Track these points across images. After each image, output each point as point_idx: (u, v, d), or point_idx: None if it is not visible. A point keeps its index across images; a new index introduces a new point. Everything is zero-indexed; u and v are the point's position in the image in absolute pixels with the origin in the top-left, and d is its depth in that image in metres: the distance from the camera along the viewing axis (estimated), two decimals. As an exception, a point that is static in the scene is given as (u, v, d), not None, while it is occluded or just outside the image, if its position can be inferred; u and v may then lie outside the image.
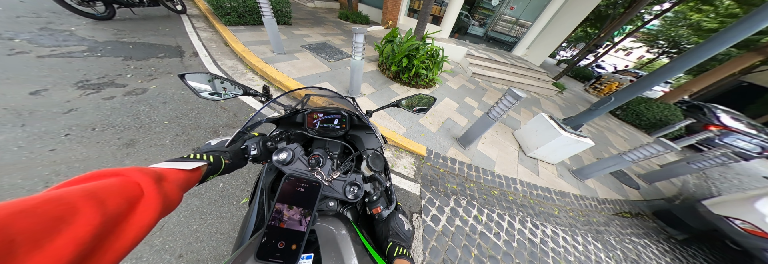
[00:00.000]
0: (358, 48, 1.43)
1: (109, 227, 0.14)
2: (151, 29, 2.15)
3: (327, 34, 3.10)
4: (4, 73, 1.23)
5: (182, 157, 0.25)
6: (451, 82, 2.88)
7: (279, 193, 0.24)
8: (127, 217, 0.16)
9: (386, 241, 0.31)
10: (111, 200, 0.15)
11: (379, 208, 0.35)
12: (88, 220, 0.13)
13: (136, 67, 1.56)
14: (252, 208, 0.38)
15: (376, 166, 0.36)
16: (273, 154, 0.34)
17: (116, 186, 0.16)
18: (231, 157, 0.31)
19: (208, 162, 0.26)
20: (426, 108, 0.58)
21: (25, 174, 0.83)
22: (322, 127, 0.47)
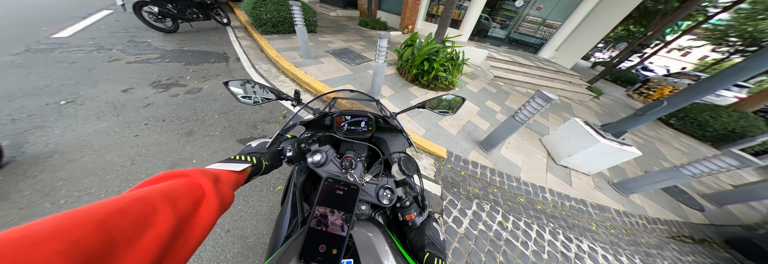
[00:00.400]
0: (381, 52, 1.55)
1: (180, 226, 0.15)
2: (203, 39, 2.62)
3: (348, 41, 3.35)
4: (105, 76, 1.62)
5: (230, 159, 0.28)
6: (471, 85, 2.85)
7: (319, 195, 0.24)
8: (193, 217, 0.16)
9: (423, 251, 0.30)
10: (181, 201, 0.16)
11: (412, 215, 0.34)
12: (166, 219, 0.14)
13: (193, 70, 1.91)
14: (285, 208, 0.38)
15: (409, 170, 0.34)
16: (307, 156, 0.34)
17: (184, 187, 0.17)
18: (269, 158, 0.32)
19: (252, 163, 0.28)
20: (454, 108, 0.56)
21: (119, 153, 1.08)
22: (349, 130, 0.49)
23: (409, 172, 0.34)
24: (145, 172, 1.02)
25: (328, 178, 0.26)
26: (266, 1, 2.76)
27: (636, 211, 1.60)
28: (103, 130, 1.18)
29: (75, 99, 1.35)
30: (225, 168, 0.24)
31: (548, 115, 2.76)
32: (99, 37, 2.21)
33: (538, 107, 1.20)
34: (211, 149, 1.20)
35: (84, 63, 1.72)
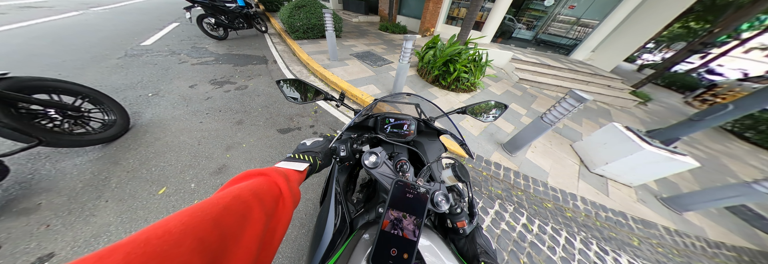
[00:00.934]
0: (406, 53, 1.68)
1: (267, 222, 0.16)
2: (247, 45, 3.14)
3: (370, 44, 3.60)
4: (177, 74, 2.06)
5: (290, 157, 0.30)
6: (494, 88, 2.82)
7: (390, 198, 0.25)
8: (276, 213, 0.17)
9: (477, 260, 0.29)
10: (266, 198, 0.17)
11: (464, 222, 0.34)
12: (259, 216, 0.14)
13: (240, 70, 2.32)
14: (327, 207, 0.39)
15: (463, 176, 0.34)
16: (363, 157, 0.34)
17: (266, 185, 0.18)
18: (323, 157, 0.34)
19: (310, 163, 0.30)
20: (496, 116, 0.56)
21: (189, 135, 1.37)
22: (391, 132, 0.50)
23: (464, 178, 0.34)
24: (207, 151, 1.27)
25: (399, 181, 0.26)
26: (300, 10, 3.16)
27: (692, 231, 1.42)
28: (178, 116, 1.51)
29: (158, 92, 1.73)
30: (291, 167, 0.26)
31: (582, 121, 2.59)
32: (171, 44, 2.81)
33: (570, 108, 1.16)
34: (257, 136, 1.44)
35: (162, 65, 2.21)
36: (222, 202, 0.13)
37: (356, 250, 0.24)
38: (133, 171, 1.10)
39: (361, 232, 0.29)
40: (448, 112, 0.56)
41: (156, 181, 1.06)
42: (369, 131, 0.55)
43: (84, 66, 1.97)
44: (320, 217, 0.41)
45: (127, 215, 0.92)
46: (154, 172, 1.10)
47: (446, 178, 0.36)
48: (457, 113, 0.58)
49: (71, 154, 1.14)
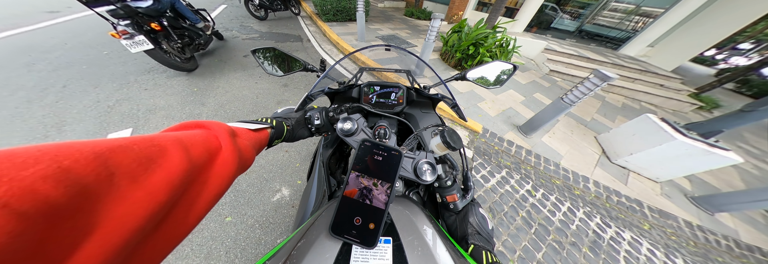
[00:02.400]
0: (433, 31, 1.83)
1: (194, 175, 0.15)
2: (284, 25, 3.62)
3: (395, 29, 3.79)
4: (233, 47, 2.58)
5: (251, 120, 0.28)
6: (520, 77, 2.82)
7: (354, 159, 0.23)
8: (209, 168, 0.17)
9: (466, 243, 0.28)
10: (195, 149, 0.16)
11: (455, 196, 0.32)
12: (176, 163, 0.14)
13: (280, 46, 2.74)
14: (311, 183, 0.38)
15: (455, 142, 0.30)
16: (337, 124, 0.33)
17: (199, 136, 0.18)
18: (293, 124, 0.33)
19: (271, 125, 0.29)
20: (502, 81, 0.51)
21: (249, 91, 1.79)
22: (378, 102, 0.48)
23: (456, 144, 0.30)
24: (264, 102, 1.68)
25: (365, 141, 0.24)
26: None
27: (720, 229, 1.39)
28: (239, 77, 1.98)
29: (222, 59, 2.28)
30: (242, 126, 0.25)
31: (616, 118, 2.47)
32: (224, 22, 3.40)
33: (592, 87, 1.19)
34: (299, 96, 1.83)
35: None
36: (119, 142, 0.13)
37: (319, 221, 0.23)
38: (215, 110, 1.55)
39: (335, 200, 0.26)
40: (446, 79, 0.51)
41: (232, 118, 1.51)
42: (353, 102, 0.51)
43: None
44: (304, 193, 0.41)
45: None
46: (229, 111, 1.56)
47: (435, 147, 0.32)
48: (455, 79, 0.52)
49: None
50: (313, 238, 0.20)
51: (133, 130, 1.32)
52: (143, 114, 1.43)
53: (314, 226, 0.22)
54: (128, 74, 1.82)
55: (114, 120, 1.35)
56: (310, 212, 0.36)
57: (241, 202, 1.01)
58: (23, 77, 1.67)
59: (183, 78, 1.86)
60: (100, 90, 1.60)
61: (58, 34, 2.45)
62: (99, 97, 1.53)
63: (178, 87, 1.74)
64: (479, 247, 0.27)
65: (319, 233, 0.21)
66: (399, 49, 0.54)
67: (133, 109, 1.45)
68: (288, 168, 1.20)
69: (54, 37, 2.37)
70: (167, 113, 1.46)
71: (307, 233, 0.21)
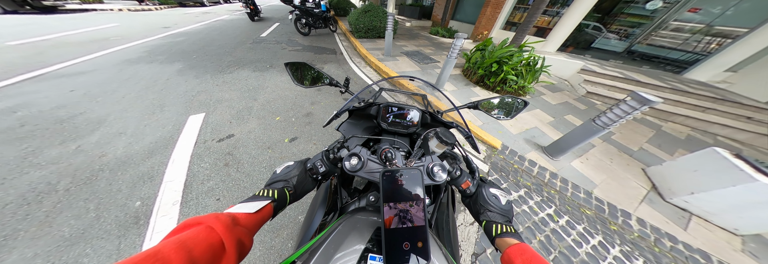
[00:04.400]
0: (455, 49, 2.03)
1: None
2: (322, 40, 4.41)
3: (419, 45, 4.21)
4: (281, 56, 3.27)
5: (254, 195, 0.30)
6: (549, 97, 2.75)
7: (382, 193, 0.24)
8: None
9: (480, 221, 0.31)
10: (197, 249, 0.18)
11: (467, 182, 0.36)
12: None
13: (318, 57, 3.40)
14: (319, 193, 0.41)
15: (448, 138, 0.35)
16: (343, 162, 0.34)
17: (200, 234, 0.19)
18: (295, 183, 0.33)
19: (273, 199, 0.29)
20: (512, 113, 0.56)
21: (290, 92, 2.21)
22: (393, 122, 0.52)
23: (449, 139, 0.35)
24: (300, 102, 2.05)
25: (386, 172, 0.26)
26: (366, 15, 4.19)
27: None
28: (284, 80, 2.47)
29: (271, 65, 2.90)
30: (242, 211, 0.25)
31: (675, 151, 2.16)
32: (276, 36, 4.37)
33: (629, 110, 1.15)
34: (329, 100, 2.13)
35: (272, 49, 3.55)
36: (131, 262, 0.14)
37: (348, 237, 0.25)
38: (263, 105, 1.96)
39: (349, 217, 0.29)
40: (459, 106, 0.56)
41: (275, 113, 1.89)
42: (370, 119, 0.57)
43: (235, 47, 3.60)
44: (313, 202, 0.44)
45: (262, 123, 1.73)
46: (274, 107, 1.96)
47: (435, 148, 0.38)
48: (467, 107, 0.57)
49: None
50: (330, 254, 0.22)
51: (206, 115, 1.76)
52: (213, 103, 1.92)
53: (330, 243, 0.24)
54: (206, 73, 2.52)
55: (194, 106, 1.86)
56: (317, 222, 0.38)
57: None
58: (144, 72, 2.46)
59: (242, 77, 2.44)
60: (187, 84, 2.24)
61: (166, 42, 3.58)
62: (187, 88, 2.14)
63: (239, 84, 2.29)
64: (490, 222, 0.31)
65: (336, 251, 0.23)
66: (421, 80, 0.65)
67: (208, 99, 1.98)
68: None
69: (164, 45, 3.46)
70: (229, 104, 1.94)
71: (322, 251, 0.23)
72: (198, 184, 1.15)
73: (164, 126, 1.58)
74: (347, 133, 0.56)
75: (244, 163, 1.31)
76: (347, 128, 0.57)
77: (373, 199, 0.38)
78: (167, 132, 1.52)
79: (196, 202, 1.05)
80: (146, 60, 2.80)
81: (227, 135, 1.54)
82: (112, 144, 1.37)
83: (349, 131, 0.57)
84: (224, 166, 1.28)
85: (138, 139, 1.43)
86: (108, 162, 1.25)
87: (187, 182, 1.15)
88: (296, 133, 1.65)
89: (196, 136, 1.51)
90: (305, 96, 2.17)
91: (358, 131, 0.58)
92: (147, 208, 1.02)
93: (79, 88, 2.03)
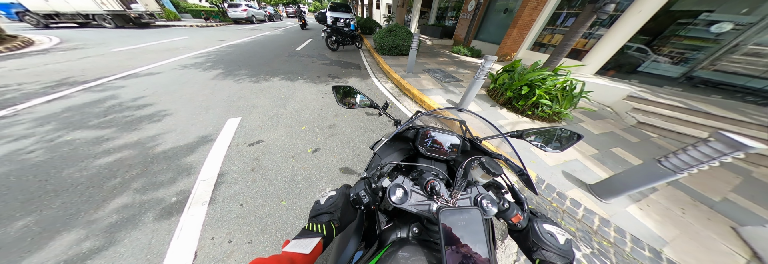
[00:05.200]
0: (483, 71, 2.01)
1: None
2: (348, 56, 4.82)
3: (441, 63, 4.34)
4: (311, 68, 3.73)
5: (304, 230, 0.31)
6: (590, 125, 2.49)
7: (443, 234, 0.24)
8: None
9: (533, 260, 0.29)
10: None
11: (518, 216, 0.34)
12: None
13: (344, 71, 3.68)
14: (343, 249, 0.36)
15: (495, 168, 0.34)
16: (388, 194, 0.33)
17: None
18: (339, 216, 0.33)
19: (322, 235, 0.30)
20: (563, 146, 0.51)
21: (317, 103, 2.40)
22: (432, 147, 0.51)
23: (496, 170, 0.33)
24: (325, 113, 2.17)
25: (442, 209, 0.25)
26: (391, 34, 4.58)
27: None
28: (312, 91, 2.71)
29: (301, 77, 3.25)
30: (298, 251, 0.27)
31: (775, 204, 1.70)
32: (308, 51, 4.96)
33: (714, 155, 0.94)
34: (351, 113, 2.20)
35: (304, 62, 3.99)
36: None
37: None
38: (291, 114, 2.11)
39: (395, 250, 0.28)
40: (499, 134, 0.52)
41: (302, 122, 2.00)
42: (406, 142, 0.57)
43: (272, 59, 4.19)
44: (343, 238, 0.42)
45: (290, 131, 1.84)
46: (301, 117, 2.10)
47: (479, 178, 0.37)
48: (510, 136, 0.53)
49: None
50: None
51: (241, 119, 1.94)
52: (249, 109, 2.15)
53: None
54: (246, 81, 2.89)
55: (233, 110, 2.09)
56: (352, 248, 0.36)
57: (295, 191, 1.24)
58: (198, 77, 2.97)
59: (276, 86, 2.74)
60: (230, 89, 2.60)
61: (219, 53, 4.35)
62: (229, 93, 2.47)
63: (272, 93, 2.59)
64: (545, 263, 0.28)
65: None
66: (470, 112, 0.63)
67: (245, 105, 2.23)
68: (333, 171, 1.43)
69: (217, 55, 4.20)
70: (262, 110, 2.15)
71: None
72: (226, 187, 1.22)
73: (207, 126, 1.80)
74: (382, 153, 0.55)
75: (268, 170, 1.38)
76: (383, 149, 0.56)
77: (417, 231, 0.37)
78: (208, 132, 1.72)
79: (222, 206, 1.11)
80: (202, 67, 3.41)
81: (257, 140, 1.66)
82: (164, 138, 1.60)
83: (384, 152, 0.56)
84: (251, 171, 1.36)
85: (185, 136, 1.64)
86: (157, 155, 1.44)
87: (217, 182, 1.24)
88: (319, 144, 1.70)
89: (231, 138, 1.66)
90: (329, 108, 2.29)
91: (393, 153, 0.58)
92: (180, 205, 1.09)
93: (150, 87, 2.52)
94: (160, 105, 2.11)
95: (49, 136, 1.58)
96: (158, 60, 3.64)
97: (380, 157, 0.54)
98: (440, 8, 8.67)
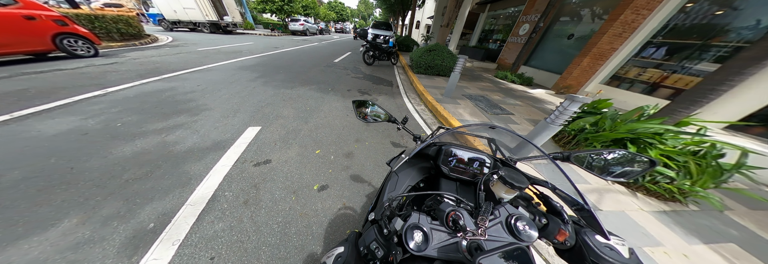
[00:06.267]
0: (564, 115, 1.44)
1: None
2: (382, 71, 4.79)
3: (484, 89, 3.83)
4: (343, 81, 3.64)
5: None
6: (750, 220, 1.46)
7: None
8: None
9: None
10: None
11: (563, 231, 0.30)
12: None
13: (375, 87, 3.54)
14: None
15: (519, 181, 0.32)
16: (406, 241, 0.28)
17: None
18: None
19: None
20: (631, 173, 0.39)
21: (339, 121, 2.16)
22: (456, 167, 0.47)
23: (521, 183, 0.32)
24: (345, 135, 1.91)
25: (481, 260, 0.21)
26: (430, 53, 4.37)
27: None
28: (337, 107, 2.51)
29: (333, 88, 3.21)
30: None
31: None
32: (345, 63, 5.18)
33: None
34: (375, 140, 1.92)
35: (339, 74, 4.10)
36: None
37: None
38: (311, 130, 1.92)
39: None
40: (550, 153, 0.43)
41: (318, 143, 1.77)
42: (427, 160, 0.53)
43: (311, 68, 4.44)
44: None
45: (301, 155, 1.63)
46: (319, 136, 1.86)
47: (504, 194, 0.35)
48: (554, 158, 0.43)
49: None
50: None
51: (261, 129, 1.84)
52: (272, 118, 2.05)
53: None
54: (281, 87, 2.98)
55: (257, 117, 2.03)
56: None
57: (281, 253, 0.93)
58: (245, 78, 3.20)
59: (305, 96, 2.68)
60: (264, 94, 2.63)
61: (271, 58, 4.91)
62: (261, 99, 2.48)
63: (300, 103, 2.47)
64: None
65: None
66: (505, 129, 0.53)
67: (270, 113, 2.15)
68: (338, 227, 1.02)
69: (268, 60, 4.72)
70: (284, 122, 2.03)
71: None
72: (208, 223, 1.03)
73: (227, 131, 1.75)
74: (400, 171, 0.50)
75: (261, 208, 1.13)
76: (402, 167, 0.51)
77: None
78: (226, 138, 1.66)
79: (191, 253, 0.90)
80: (251, 69, 3.77)
81: (265, 160, 1.50)
82: (186, 139, 1.59)
83: (402, 171, 0.51)
84: (242, 204, 1.14)
85: (204, 140, 1.60)
86: (170, 156, 1.41)
87: (203, 211, 1.08)
88: (329, 178, 1.39)
89: (242, 150, 1.54)
90: (351, 129, 2.03)
91: (412, 172, 0.52)
92: (151, 238, 0.94)
93: (203, 83, 2.78)
94: (201, 101, 2.25)
95: (107, 119, 1.77)
96: (224, 60, 4.29)
97: (398, 176, 0.48)
98: (484, 30, 8.47)
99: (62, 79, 2.52)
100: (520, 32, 5.68)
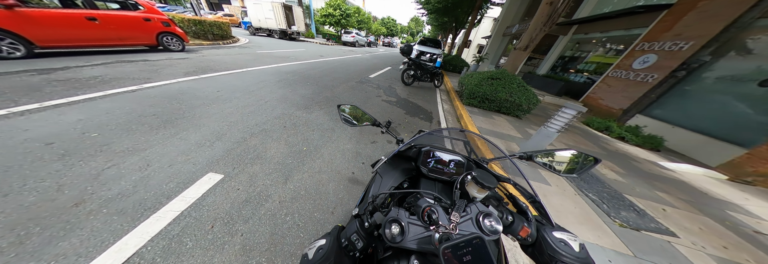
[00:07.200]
0: None
1: None
2: (420, 96, 3.93)
3: (579, 143, 2.51)
4: (370, 103, 3.07)
5: None
6: None
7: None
8: None
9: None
10: None
11: (526, 228, 0.34)
12: None
13: (408, 120, 2.69)
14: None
15: (488, 181, 0.35)
16: (383, 232, 0.31)
17: None
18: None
19: None
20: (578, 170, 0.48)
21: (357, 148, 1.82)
22: (434, 168, 0.52)
23: (490, 183, 0.35)
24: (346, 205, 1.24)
25: (445, 248, 0.24)
26: (492, 82, 3.24)
27: None
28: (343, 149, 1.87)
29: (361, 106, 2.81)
30: None
31: None
32: (380, 80, 4.62)
33: None
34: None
35: (369, 93, 3.52)
36: None
37: None
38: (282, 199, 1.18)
39: None
40: (510, 155, 0.52)
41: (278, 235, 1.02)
42: (409, 161, 0.60)
43: (342, 82, 3.94)
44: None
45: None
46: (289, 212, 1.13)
47: (476, 193, 0.38)
48: (517, 158, 0.52)
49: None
50: None
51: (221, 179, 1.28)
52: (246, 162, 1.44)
53: None
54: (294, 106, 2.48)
55: (233, 155, 1.49)
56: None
57: None
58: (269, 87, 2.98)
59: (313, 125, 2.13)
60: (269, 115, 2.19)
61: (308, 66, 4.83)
62: (261, 120, 2.04)
63: (300, 137, 1.87)
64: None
65: None
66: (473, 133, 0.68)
67: (250, 150, 1.57)
68: None
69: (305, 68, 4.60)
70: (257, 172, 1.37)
71: None
72: None
73: (175, 176, 1.20)
74: (384, 173, 0.56)
75: None
76: (384, 169, 0.58)
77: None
78: (161, 193, 1.09)
79: None
80: (282, 78, 3.54)
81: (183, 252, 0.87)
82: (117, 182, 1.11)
83: (385, 172, 0.57)
84: None
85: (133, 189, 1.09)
86: (60, 219, 0.90)
87: None
88: None
89: (159, 230, 0.92)
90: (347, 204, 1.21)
91: (395, 173, 0.58)
92: None
93: (225, 88, 2.63)
94: (201, 111, 2.00)
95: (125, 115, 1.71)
96: (268, 63, 4.39)
97: (381, 177, 0.55)
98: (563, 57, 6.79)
99: (130, 70, 2.72)
100: (637, 66, 4.00)
